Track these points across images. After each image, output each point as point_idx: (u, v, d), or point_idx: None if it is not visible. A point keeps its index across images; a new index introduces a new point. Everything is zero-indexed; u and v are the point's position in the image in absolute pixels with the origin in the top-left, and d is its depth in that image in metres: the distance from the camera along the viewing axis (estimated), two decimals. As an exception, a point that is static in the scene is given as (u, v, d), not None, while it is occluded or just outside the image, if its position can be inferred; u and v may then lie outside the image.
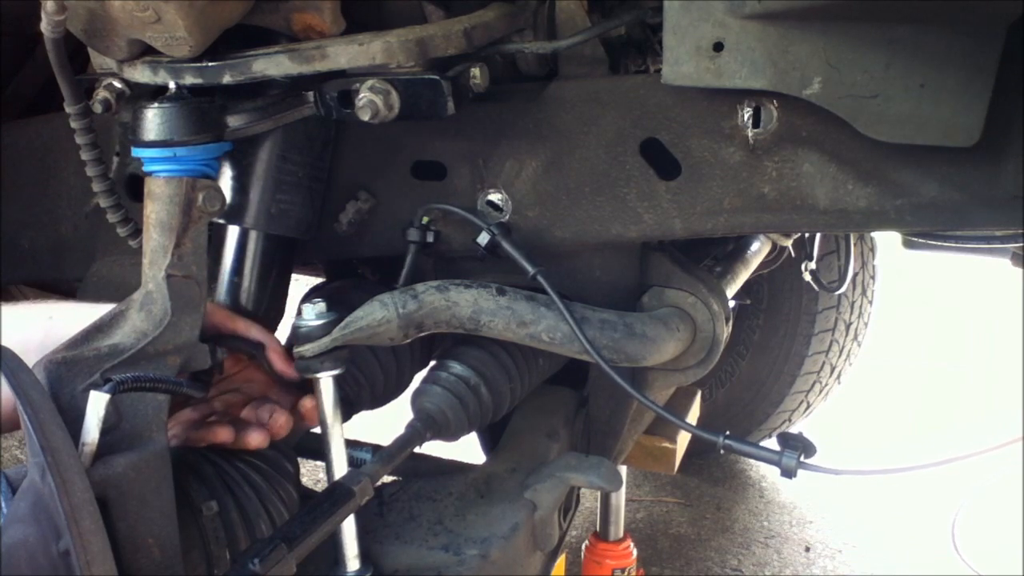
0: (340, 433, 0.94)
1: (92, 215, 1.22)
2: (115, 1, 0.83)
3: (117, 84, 0.95)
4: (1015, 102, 0.81)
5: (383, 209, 1.10)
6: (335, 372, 0.92)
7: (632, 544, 1.79)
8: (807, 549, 2.33)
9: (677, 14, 0.83)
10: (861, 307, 2.35)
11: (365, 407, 1.13)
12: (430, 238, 1.07)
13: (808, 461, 0.90)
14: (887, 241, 2.95)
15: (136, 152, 0.91)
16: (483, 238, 1.02)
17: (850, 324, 2.31)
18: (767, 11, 0.79)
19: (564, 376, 1.26)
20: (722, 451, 0.91)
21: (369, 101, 0.90)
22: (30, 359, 0.72)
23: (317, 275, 1.73)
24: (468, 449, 1.39)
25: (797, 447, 0.90)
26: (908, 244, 1.85)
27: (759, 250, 1.52)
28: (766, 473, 2.73)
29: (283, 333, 1.05)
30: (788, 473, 0.90)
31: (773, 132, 0.91)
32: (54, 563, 0.67)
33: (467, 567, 0.96)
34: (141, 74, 0.92)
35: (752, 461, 2.79)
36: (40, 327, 0.82)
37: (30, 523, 0.68)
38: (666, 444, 1.52)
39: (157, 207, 0.88)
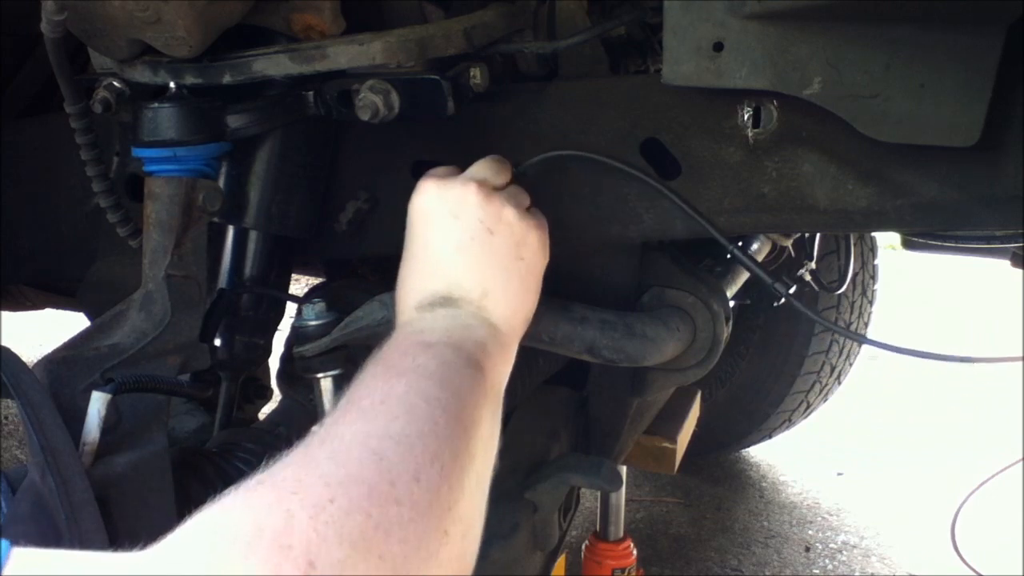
0: (340, 433, 0.94)
1: (92, 215, 1.22)
2: (115, 1, 0.83)
3: (117, 84, 0.95)
4: (1015, 102, 0.81)
5: (383, 209, 1.10)
6: (335, 372, 0.92)
7: (632, 544, 1.79)
8: (807, 549, 2.33)
9: (677, 14, 0.83)
10: (861, 307, 2.35)
11: None
12: (430, 238, 1.07)
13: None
14: (887, 241, 2.95)
15: (136, 152, 0.91)
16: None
17: (850, 324, 2.31)
18: (767, 11, 0.79)
19: (564, 376, 1.26)
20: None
21: (369, 101, 0.90)
22: None
23: (317, 275, 1.73)
24: (468, 449, 1.39)
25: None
26: (908, 244, 1.85)
27: (759, 250, 1.51)
28: (766, 473, 2.73)
29: (283, 333, 1.05)
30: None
31: (773, 132, 0.91)
32: (54, 563, 0.67)
33: (467, 567, 0.96)
34: (141, 74, 0.92)
35: (752, 461, 2.79)
36: None
37: (30, 523, 0.68)
38: (666, 444, 1.52)
39: (157, 207, 0.88)
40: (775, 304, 1.71)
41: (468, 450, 0.63)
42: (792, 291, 1.03)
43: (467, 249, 0.81)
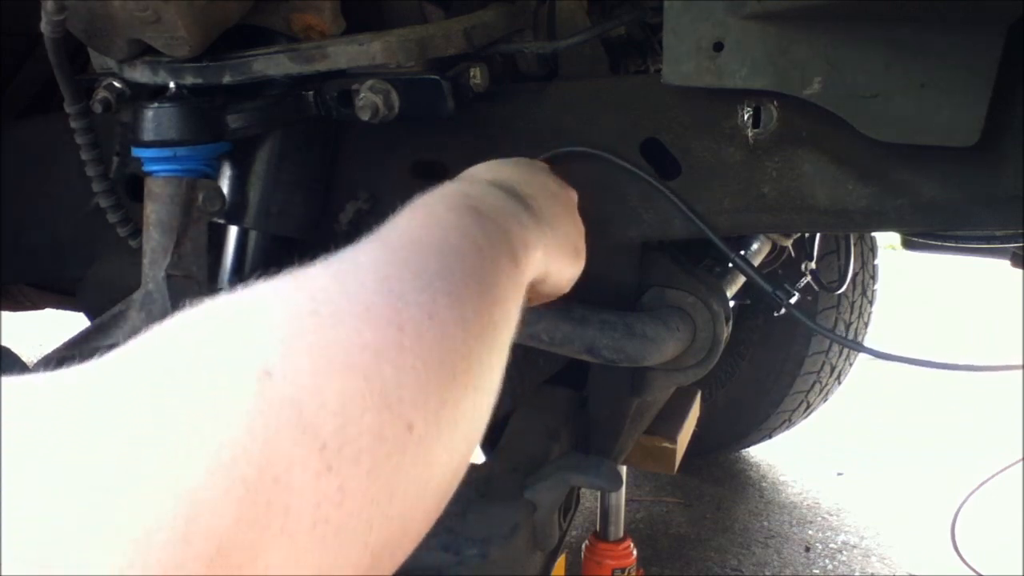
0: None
1: (92, 215, 1.22)
2: (115, 1, 0.83)
3: (117, 84, 0.95)
4: (1015, 102, 0.81)
5: (383, 209, 1.10)
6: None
7: (632, 544, 1.79)
8: (807, 549, 2.33)
9: (677, 14, 0.83)
10: (861, 307, 2.35)
11: None
12: (430, 238, 1.06)
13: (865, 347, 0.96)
14: (887, 241, 2.95)
15: (136, 152, 0.91)
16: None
17: (850, 324, 2.31)
18: (767, 11, 0.79)
19: (564, 376, 1.26)
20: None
21: (369, 101, 0.90)
22: None
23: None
24: (468, 449, 1.38)
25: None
26: (908, 244, 1.85)
27: (759, 250, 1.51)
28: (766, 473, 2.73)
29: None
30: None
31: (773, 132, 0.91)
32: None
33: (467, 567, 0.96)
34: (141, 74, 0.92)
35: (752, 461, 2.79)
36: None
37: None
38: (666, 444, 1.52)
39: (157, 207, 0.88)
40: (775, 314, 1.71)
41: (492, 319, 0.53)
42: (793, 300, 1.03)
43: (551, 196, 0.78)
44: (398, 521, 0.40)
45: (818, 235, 1.74)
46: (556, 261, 0.75)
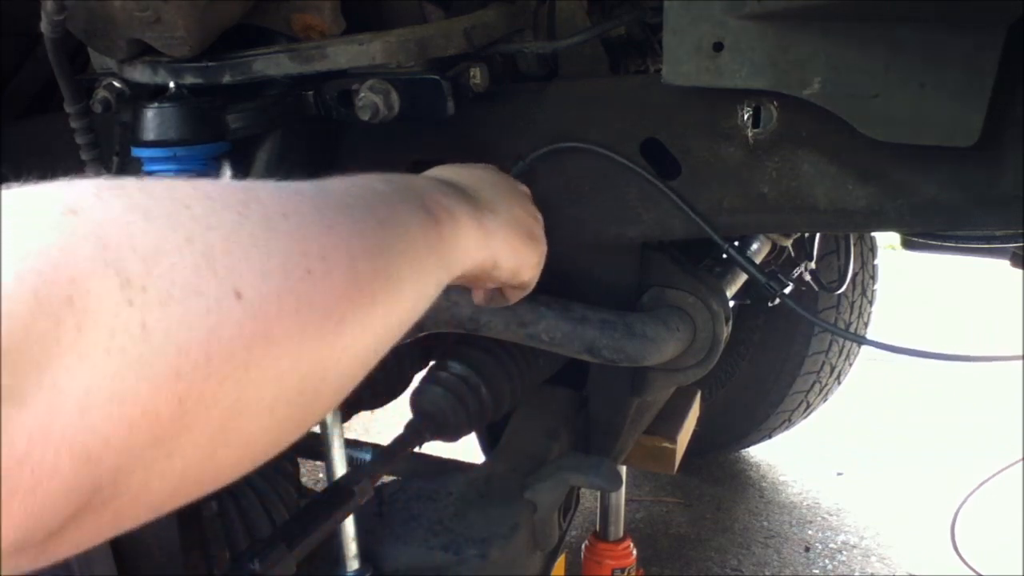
0: (340, 433, 0.94)
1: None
2: (115, 1, 0.83)
3: (117, 84, 0.95)
4: (1015, 102, 0.81)
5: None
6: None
7: (632, 544, 1.79)
8: (807, 549, 2.33)
9: (677, 14, 0.83)
10: (861, 307, 2.35)
11: (364, 407, 1.13)
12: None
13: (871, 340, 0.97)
14: (887, 241, 2.95)
15: (136, 152, 0.91)
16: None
17: (850, 324, 2.31)
18: (767, 11, 0.79)
19: (564, 376, 1.26)
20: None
21: (369, 101, 0.90)
22: None
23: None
24: (468, 449, 1.39)
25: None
26: (908, 244, 1.84)
27: (759, 250, 1.51)
28: (766, 473, 2.73)
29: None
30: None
31: (773, 132, 0.91)
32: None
33: (467, 567, 0.96)
34: (141, 74, 0.92)
35: (752, 461, 2.79)
36: None
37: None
38: (666, 444, 1.52)
39: (157, 207, 0.88)
40: (770, 304, 1.71)
41: (384, 245, 0.53)
42: (787, 290, 1.03)
43: (491, 185, 0.79)
44: (221, 387, 0.40)
45: (818, 235, 1.74)
46: (505, 242, 0.75)
